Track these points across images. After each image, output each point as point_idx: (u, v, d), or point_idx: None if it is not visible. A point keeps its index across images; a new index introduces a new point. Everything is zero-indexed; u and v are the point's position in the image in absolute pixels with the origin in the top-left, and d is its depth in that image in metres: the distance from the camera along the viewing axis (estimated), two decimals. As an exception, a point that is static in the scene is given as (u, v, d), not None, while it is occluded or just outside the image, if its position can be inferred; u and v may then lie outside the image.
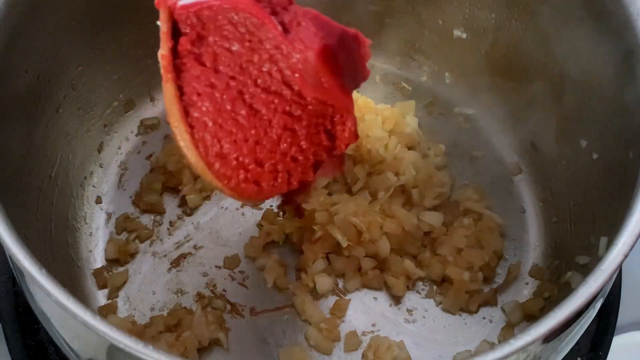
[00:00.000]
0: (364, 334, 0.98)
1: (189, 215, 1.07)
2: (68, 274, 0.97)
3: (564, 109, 1.00)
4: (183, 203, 1.08)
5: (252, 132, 0.82)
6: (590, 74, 0.92)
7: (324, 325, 0.97)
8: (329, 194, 1.03)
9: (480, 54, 1.11)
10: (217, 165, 0.80)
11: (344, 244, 0.99)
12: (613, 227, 0.74)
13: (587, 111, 0.94)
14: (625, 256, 0.70)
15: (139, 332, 0.94)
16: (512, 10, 1.03)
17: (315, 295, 1.01)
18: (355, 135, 0.88)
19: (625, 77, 0.84)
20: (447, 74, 1.18)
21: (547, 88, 1.02)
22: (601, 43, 0.89)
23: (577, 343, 0.85)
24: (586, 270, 0.84)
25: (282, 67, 0.80)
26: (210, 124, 0.80)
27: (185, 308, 0.98)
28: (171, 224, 1.07)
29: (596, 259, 0.72)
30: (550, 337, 0.68)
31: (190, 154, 0.79)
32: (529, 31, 1.02)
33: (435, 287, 1.01)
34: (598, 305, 0.81)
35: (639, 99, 0.82)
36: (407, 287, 1.01)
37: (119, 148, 1.12)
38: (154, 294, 1.01)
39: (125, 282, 1.01)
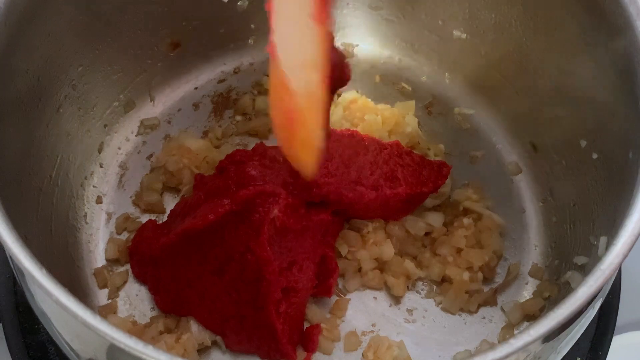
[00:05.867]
0: (363, 333, 0.98)
1: (189, 215, 1.07)
2: (68, 274, 0.97)
3: (564, 109, 1.00)
4: (183, 203, 1.07)
5: None
6: (590, 74, 0.92)
7: (324, 325, 0.97)
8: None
9: (480, 54, 1.11)
10: None
11: (344, 252, 1.00)
12: (613, 227, 0.75)
13: (586, 111, 0.94)
14: (625, 256, 0.70)
15: (139, 332, 0.94)
16: (512, 10, 1.03)
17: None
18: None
19: (625, 76, 0.84)
20: (447, 74, 1.18)
21: (547, 88, 1.02)
22: (601, 43, 0.89)
23: (577, 343, 0.85)
24: (586, 270, 0.84)
25: None
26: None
27: (185, 308, 0.98)
28: (171, 223, 1.06)
29: (596, 259, 0.72)
30: (550, 336, 0.68)
31: None
32: (528, 31, 1.02)
33: (435, 287, 1.01)
34: (598, 305, 0.81)
35: (639, 98, 0.82)
36: (407, 287, 1.01)
37: (119, 148, 1.12)
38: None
39: (125, 282, 1.01)
